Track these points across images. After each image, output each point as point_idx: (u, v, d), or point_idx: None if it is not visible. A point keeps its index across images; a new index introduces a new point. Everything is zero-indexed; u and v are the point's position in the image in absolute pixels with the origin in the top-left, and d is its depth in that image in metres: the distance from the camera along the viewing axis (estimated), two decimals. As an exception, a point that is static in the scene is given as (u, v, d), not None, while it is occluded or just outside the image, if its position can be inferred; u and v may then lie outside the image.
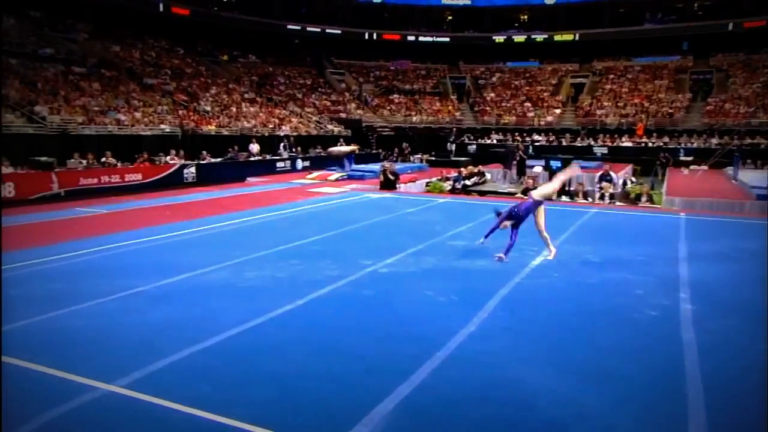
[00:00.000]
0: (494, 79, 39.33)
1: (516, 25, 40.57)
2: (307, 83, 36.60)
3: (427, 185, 16.96)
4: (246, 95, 30.37)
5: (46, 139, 16.81)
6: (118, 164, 16.14)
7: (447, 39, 40.34)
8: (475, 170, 19.14)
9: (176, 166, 17.14)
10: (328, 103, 34.81)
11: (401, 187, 16.41)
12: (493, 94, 37.36)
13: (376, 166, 21.36)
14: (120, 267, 6.77)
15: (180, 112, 23.88)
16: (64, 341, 4.44)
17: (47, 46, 24.04)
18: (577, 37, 37.26)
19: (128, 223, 9.84)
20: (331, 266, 6.89)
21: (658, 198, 14.72)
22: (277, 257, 7.40)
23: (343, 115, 33.42)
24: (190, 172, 17.47)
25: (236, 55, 35.97)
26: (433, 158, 26.58)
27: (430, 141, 32.00)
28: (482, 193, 16.39)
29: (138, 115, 21.34)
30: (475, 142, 31.48)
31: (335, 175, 18.60)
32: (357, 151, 21.94)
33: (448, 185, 16.84)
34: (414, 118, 34.98)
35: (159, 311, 5.21)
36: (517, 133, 31.54)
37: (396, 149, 29.41)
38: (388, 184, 16.40)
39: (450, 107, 36.47)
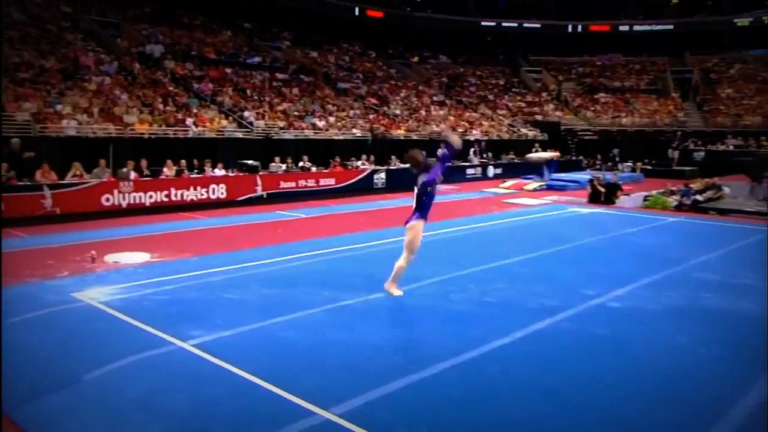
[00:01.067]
0: (732, 71, 34.13)
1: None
2: (499, 83, 36.02)
3: (645, 200, 15.27)
4: (435, 98, 30.94)
5: (253, 144, 18.94)
6: (313, 168, 17.43)
7: (670, 27, 36.28)
8: (710, 183, 16.68)
9: (367, 172, 17.93)
10: (523, 105, 33.75)
11: (619, 201, 14.98)
12: (729, 90, 32.44)
13: (578, 175, 20.03)
14: (328, 276, 7.03)
15: (370, 116, 25.17)
16: (280, 353, 4.61)
17: (256, 54, 27.40)
18: None
19: (330, 228, 10.41)
20: (546, 293, 6.29)
21: None
22: (481, 277, 7.04)
23: (539, 118, 32.08)
24: (380, 177, 18.14)
25: (426, 56, 36.96)
26: (650, 167, 23.89)
27: (643, 147, 28.93)
28: (722, 212, 14.14)
29: (332, 119, 23.00)
30: (703, 148, 27.59)
31: (533, 184, 17.82)
32: (558, 158, 20.69)
33: (673, 201, 14.92)
34: (623, 120, 32.04)
35: (367, 329, 5.19)
36: (764, 138, 26.81)
37: (599, 156, 27.17)
38: (598, 197, 15.11)
39: (671, 107, 32.61)
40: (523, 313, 5.67)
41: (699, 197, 15.25)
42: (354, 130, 22.87)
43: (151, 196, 13.21)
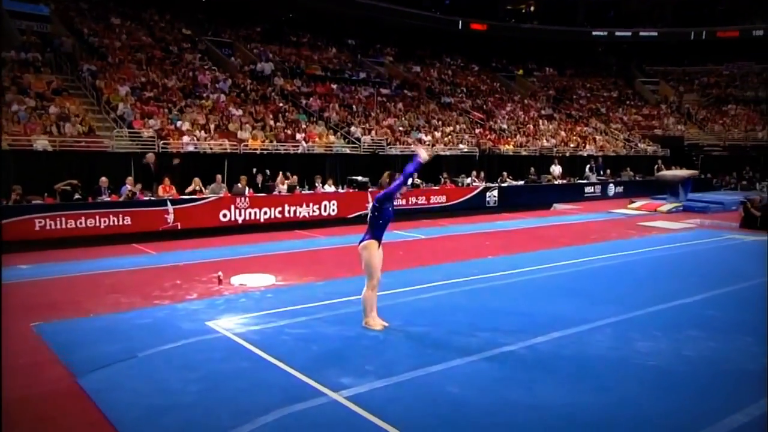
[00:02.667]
0: None
1: None
2: (612, 95, 33.80)
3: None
4: (543, 111, 29.48)
5: (360, 159, 18.66)
6: (422, 185, 16.81)
7: (815, 28, 32.30)
8: None
9: (479, 189, 17.06)
10: (639, 118, 31.35)
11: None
12: None
13: (720, 196, 17.94)
14: (473, 312, 6.23)
15: (476, 130, 24.29)
16: (452, 419, 3.82)
17: (360, 70, 27.41)
18: None
19: (455, 252, 9.78)
20: (761, 349, 5.04)
21: None
22: (663, 321, 5.93)
23: (658, 132, 29.60)
24: (493, 195, 17.20)
25: (531, 68, 35.55)
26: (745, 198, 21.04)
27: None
28: None
29: (437, 134, 22.34)
30: None
31: (667, 205, 16.08)
32: (695, 177, 18.66)
33: None
34: (760, 134, 28.74)
35: (547, 387, 4.29)
36: None
37: (734, 174, 24.39)
38: (753, 222, 13.22)
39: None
40: (741, 376, 4.50)
41: None
42: (461, 146, 22.06)
43: (265, 213, 13.10)
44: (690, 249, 10.24)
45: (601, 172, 22.05)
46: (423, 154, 5.36)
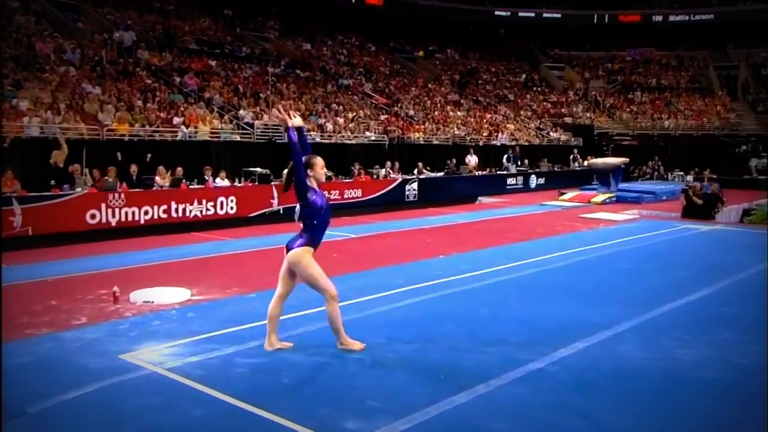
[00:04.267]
0: (785, 66, 33.99)
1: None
2: (518, 80, 35.32)
3: (748, 214, 14.34)
4: (449, 96, 29.99)
5: (254, 148, 17.53)
6: (333, 178, 16.14)
7: (710, 16, 36.07)
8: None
9: (397, 182, 16.72)
10: (548, 105, 33.02)
11: (727, 214, 14.03)
12: (785, 88, 32.19)
13: (646, 186, 19.15)
14: (465, 322, 5.65)
15: (382, 117, 24.03)
16: None
17: (243, 45, 26.04)
18: None
19: (397, 253, 9.30)
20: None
21: None
22: (685, 322, 5.86)
23: (568, 120, 31.33)
24: (412, 188, 16.94)
25: (433, 50, 36.17)
26: (717, 177, 23.17)
27: (692, 153, 28.32)
28: None
29: (340, 120, 21.73)
30: (765, 155, 26.99)
31: (600, 196, 16.79)
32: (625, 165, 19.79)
33: None
34: (666, 123, 31.46)
35: (611, 412, 3.81)
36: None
37: (650, 163, 26.41)
38: (694, 211, 14.10)
39: (718, 107, 32.16)
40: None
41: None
42: (367, 133, 21.64)
43: (146, 212, 11.64)
44: (655, 241, 10.58)
45: (519, 163, 22.71)
46: (288, 119, 4.72)
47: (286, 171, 4.86)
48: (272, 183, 14.65)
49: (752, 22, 35.41)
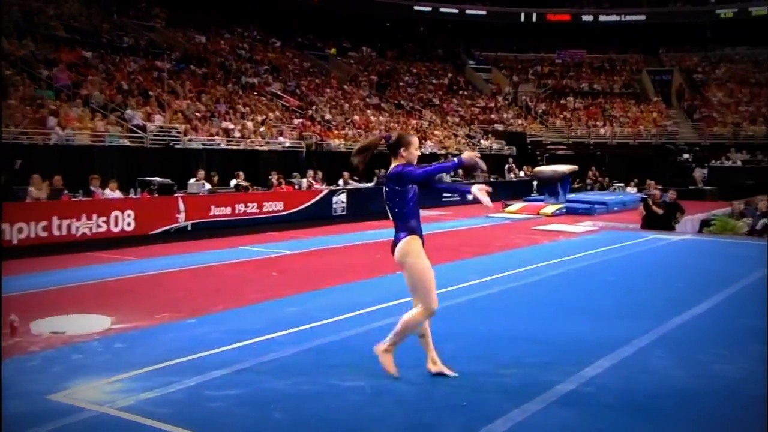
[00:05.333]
0: (719, 72, 36.80)
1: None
2: (442, 83, 36.08)
3: (708, 224, 15.16)
4: (368, 100, 30.13)
5: (148, 154, 16.76)
6: (251, 188, 15.65)
7: (642, 17, 38.62)
8: (768, 202, 17.09)
9: (323, 194, 16.46)
10: (476, 111, 33.92)
11: (686, 225, 14.72)
12: (720, 95, 34.78)
13: (594, 196, 19.93)
14: (468, 334, 5.41)
15: (296, 121, 23.74)
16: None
17: (124, 35, 24.97)
18: None
19: (357, 268, 9.12)
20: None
21: None
22: (710, 334, 6.00)
23: (499, 127, 32.28)
24: (341, 201, 16.73)
25: (346, 47, 36.36)
26: (662, 188, 24.53)
27: (630, 163, 29.94)
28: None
29: (249, 124, 21.21)
30: (705, 164, 28.94)
31: (550, 207, 17.28)
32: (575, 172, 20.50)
33: (745, 225, 15.02)
34: (601, 131, 33.11)
35: None
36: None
37: (591, 173, 27.58)
38: (654, 221, 14.71)
39: (654, 114, 34.29)
40: None
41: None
42: (281, 138, 21.25)
43: (20, 230, 10.68)
44: (629, 252, 10.88)
45: (452, 173, 22.98)
46: (469, 156, 4.55)
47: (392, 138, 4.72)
48: (177, 195, 14.01)
49: (684, 25, 38.28)
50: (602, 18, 38.93)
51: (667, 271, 9.26)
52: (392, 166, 4.57)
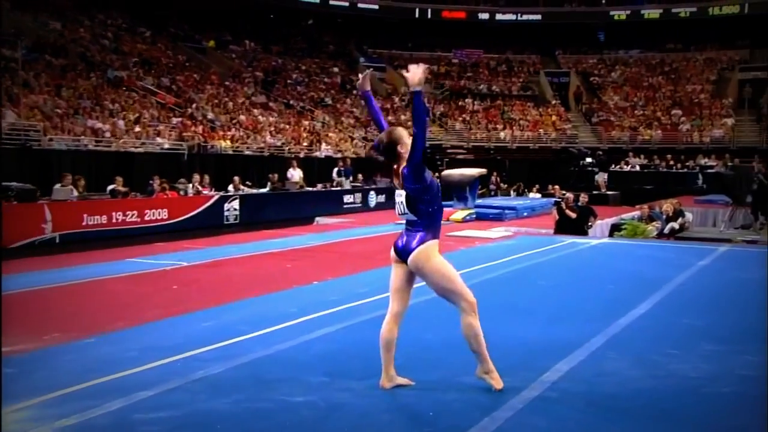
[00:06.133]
0: (615, 74, 39.12)
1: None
2: (335, 82, 36.19)
3: (619, 229, 16.07)
4: (254, 98, 29.75)
5: None
6: (131, 195, 15.06)
7: (538, 17, 40.46)
8: (678, 207, 18.31)
9: (213, 200, 16.12)
10: (372, 112, 34.21)
11: (596, 229, 15.43)
12: (617, 98, 36.97)
13: (503, 202, 20.55)
14: (414, 342, 5.37)
15: (174, 120, 23.10)
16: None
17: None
18: (745, 10, 37.37)
19: (268, 278, 8.99)
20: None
21: None
22: (657, 335, 6.23)
23: (397, 129, 32.68)
24: (233, 208, 16.42)
25: (226, 40, 35.84)
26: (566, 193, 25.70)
27: (531, 167, 31.24)
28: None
29: (120, 122, 20.40)
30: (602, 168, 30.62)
31: (460, 213, 17.62)
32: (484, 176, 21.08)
33: (654, 229, 16.03)
34: (501, 134, 34.32)
35: None
36: (670, 156, 30.80)
37: (494, 178, 28.52)
38: (567, 226, 15.38)
39: (554, 117, 35.93)
40: None
41: (675, 225, 16.49)
42: (159, 139, 20.60)
43: None
44: (553, 256, 11.26)
45: (351, 178, 23.18)
46: (418, 80, 4.23)
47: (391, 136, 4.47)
48: (42, 201, 13.24)
49: (579, 26, 40.49)
50: (499, 17, 40.49)
51: (595, 274, 9.67)
52: (400, 169, 4.43)
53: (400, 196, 4.47)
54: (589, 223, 15.78)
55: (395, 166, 4.48)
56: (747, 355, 5.61)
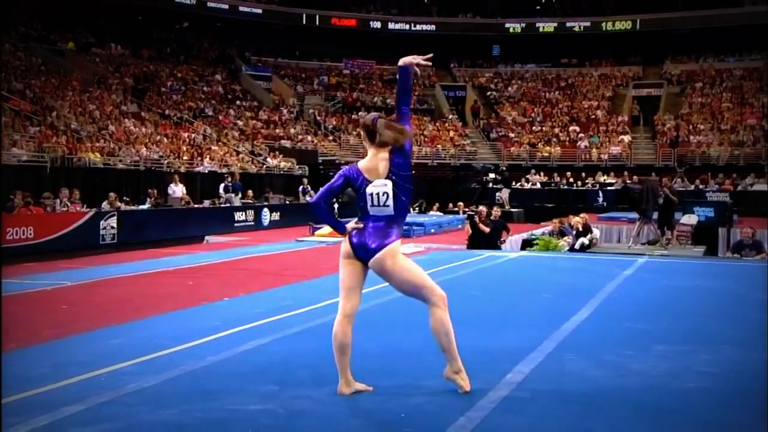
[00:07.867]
0: (511, 89, 40.59)
1: (538, 7, 42.77)
2: (216, 91, 35.74)
3: (531, 244, 16.73)
4: (123, 107, 28.93)
5: None
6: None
7: (432, 27, 41.53)
8: (586, 223, 19.21)
9: (87, 217, 15.56)
10: (259, 124, 33.99)
11: (507, 244, 15.99)
12: (515, 114, 38.37)
13: (410, 218, 20.90)
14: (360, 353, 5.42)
15: (32, 129, 22.18)
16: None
17: None
18: (637, 26, 39.71)
19: (178, 296, 8.89)
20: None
21: None
22: (609, 338, 6.57)
23: (286, 144, 32.62)
24: (110, 226, 15.90)
25: (89, 42, 34.86)
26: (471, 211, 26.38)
27: (430, 184, 31.83)
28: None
29: (-33, 131, 19.37)
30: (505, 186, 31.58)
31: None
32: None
33: (565, 243, 16.82)
34: (401, 149, 34.79)
35: None
36: (569, 173, 32.15)
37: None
38: (479, 241, 15.81)
39: (451, 133, 36.84)
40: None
41: (585, 240, 17.33)
42: (16, 150, 19.73)
43: None
44: (475, 269, 11.66)
45: (240, 194, 22.98)
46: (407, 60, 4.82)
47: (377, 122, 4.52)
48: None
49: (474, 38, 41.92)
50: (391, 26, 41.30)
51: (526, 285, 10.05)
52: (389, 156, 4.49)
53: (384, 186, 4.41)
54: (502, 238, 16.29)
55: (374, 151, 4.50)
56: (701, 354, 5.95)
